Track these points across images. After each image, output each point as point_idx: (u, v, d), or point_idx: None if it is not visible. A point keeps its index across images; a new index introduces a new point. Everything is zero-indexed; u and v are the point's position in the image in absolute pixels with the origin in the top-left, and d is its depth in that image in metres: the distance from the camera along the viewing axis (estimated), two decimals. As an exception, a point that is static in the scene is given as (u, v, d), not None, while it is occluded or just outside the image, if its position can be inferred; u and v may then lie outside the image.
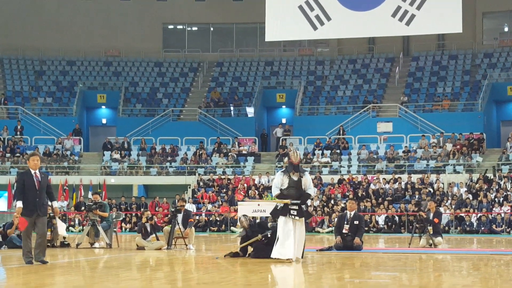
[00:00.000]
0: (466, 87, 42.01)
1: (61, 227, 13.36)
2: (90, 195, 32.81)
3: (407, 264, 13.84)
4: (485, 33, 46.17)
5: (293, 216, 13.69)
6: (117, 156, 39.80)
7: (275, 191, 14.03)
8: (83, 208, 24.13)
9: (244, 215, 16.07)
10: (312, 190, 14.17)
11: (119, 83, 45.34)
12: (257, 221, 16.71)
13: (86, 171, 39.42)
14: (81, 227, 29.48)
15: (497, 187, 33.37)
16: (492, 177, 34.32)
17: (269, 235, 14.82)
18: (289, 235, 13.64)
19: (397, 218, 32.13)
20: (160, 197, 35.74)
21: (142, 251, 17.83)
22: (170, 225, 18.64)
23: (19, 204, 13.12)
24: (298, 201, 13.81)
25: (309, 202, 14.46)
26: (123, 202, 35.47)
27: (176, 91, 45.53)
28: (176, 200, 31.24)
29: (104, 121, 45.78)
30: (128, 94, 44.90)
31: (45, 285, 9.89)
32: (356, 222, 17.64)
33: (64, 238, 19.86)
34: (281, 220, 13.82)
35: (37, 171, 13.32)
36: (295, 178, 13.89)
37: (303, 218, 13.94)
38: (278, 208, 13.94)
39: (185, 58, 47.97)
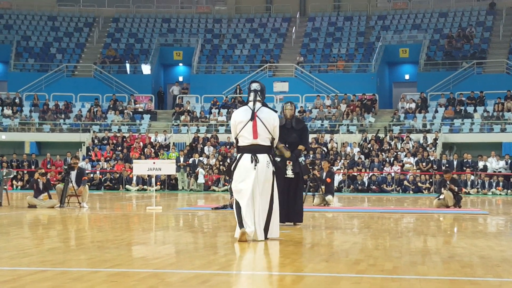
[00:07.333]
0: (360, 49, 42.72)
1: None
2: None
3: (300, 222, 14.04)
4: (380, -5, 46.94)
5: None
6: (8, 112, 38.68)
7: None
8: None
9: (290, 102, 13.21)
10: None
11: (11, 37, 43.89)
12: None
13: (-24, 127, 38.19)
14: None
15: (388, 147, 34.27)
16: (383, 137, 35.21)
17: None
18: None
19: (291, 176, 32.50)
20: (54, 155, 35.00)
21: (33, 209, 17.49)
22: (63, 183, 18.37)
23: None
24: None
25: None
26: (14, 159, 34.59)
27: (70, 46, 44.44)
28: (69, 158, 30.78)
29: (-6, 75, 44.39)
30: (20, 48, 43.53)
31: None
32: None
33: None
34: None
35: None
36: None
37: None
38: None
39: (80, 12, 46.80)
